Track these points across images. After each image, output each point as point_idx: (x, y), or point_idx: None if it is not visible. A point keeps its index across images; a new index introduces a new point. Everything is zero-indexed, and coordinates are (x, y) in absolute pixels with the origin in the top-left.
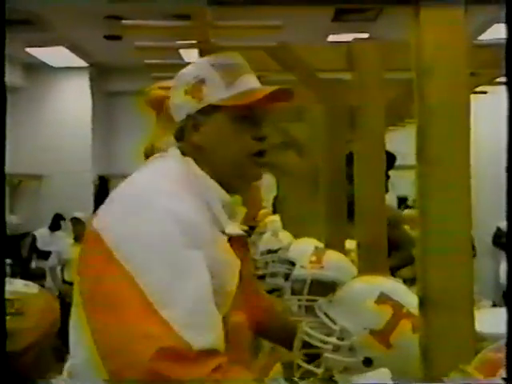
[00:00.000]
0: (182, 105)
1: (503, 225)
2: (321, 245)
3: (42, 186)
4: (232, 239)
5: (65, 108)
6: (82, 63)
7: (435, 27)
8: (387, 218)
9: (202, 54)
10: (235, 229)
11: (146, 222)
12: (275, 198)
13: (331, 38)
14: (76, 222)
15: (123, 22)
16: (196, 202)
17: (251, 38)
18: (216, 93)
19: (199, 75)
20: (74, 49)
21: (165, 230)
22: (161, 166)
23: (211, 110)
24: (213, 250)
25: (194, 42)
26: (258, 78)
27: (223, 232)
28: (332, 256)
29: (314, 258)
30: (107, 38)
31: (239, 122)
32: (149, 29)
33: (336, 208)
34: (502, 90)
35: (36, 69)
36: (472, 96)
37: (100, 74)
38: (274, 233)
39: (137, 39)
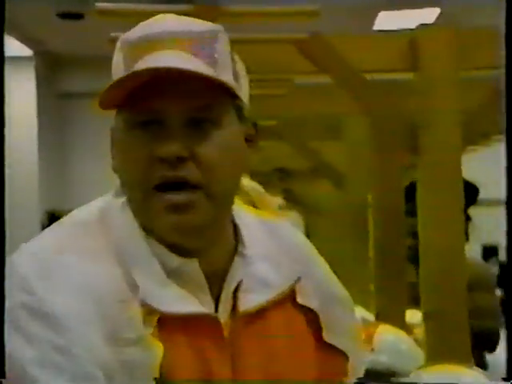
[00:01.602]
0: None
1: None
2: (370, 316)
3: None
4: (189, 320)
5: None
6: (26, 52)
7: None
8: (474, 281)
9: None
10: (189, 304)
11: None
12: None
13: (381, 16)
14: None
15: (98, 5)
16: (98, 264)
17: (273, 27)
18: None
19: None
20: (14, 31)
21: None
22: (84, 209)
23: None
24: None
25: None
26: (284, 81)
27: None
28: (387, 333)
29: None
30: (62, 16)
31: (133, 131)
32: (133, 14)
33: (391, 261)
34: None
35: None
36: None
37: (51, 68)
38: None
39: (108, 22)
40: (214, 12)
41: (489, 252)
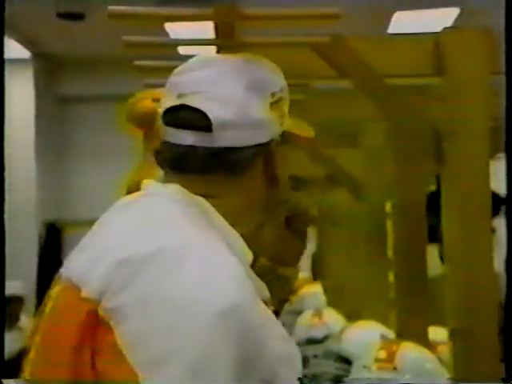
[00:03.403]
0: (263, 122)
1: None
2: (389, 333)
3: None
4: None
5: None
6: (23, 53)
7: None
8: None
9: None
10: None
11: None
12: (314, 258)
13: (397, 17)
14: (10, 299)
15: (110, 8)
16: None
17: (284, 31)
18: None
19: (283, 88)
20: (12, 32)
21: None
22: (162, 210)
23: (283, 139)
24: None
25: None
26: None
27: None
28: (410, 351)
29: (382, 354)
30: (62, 16)
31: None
32: (146, 17)
33: (412, 275)
34: None
35: None
36: None
37: (50, 70)
38: (315, 311)
39: (110, 23)
40: (233, 15)
41: None
